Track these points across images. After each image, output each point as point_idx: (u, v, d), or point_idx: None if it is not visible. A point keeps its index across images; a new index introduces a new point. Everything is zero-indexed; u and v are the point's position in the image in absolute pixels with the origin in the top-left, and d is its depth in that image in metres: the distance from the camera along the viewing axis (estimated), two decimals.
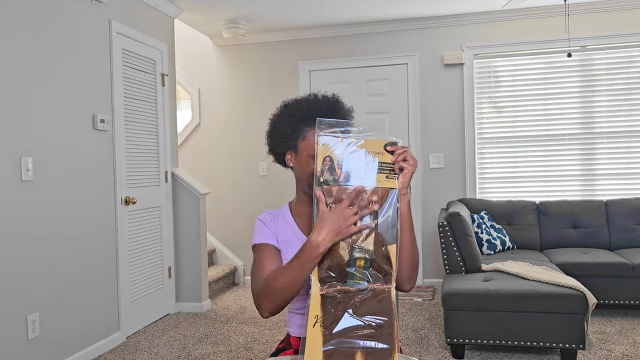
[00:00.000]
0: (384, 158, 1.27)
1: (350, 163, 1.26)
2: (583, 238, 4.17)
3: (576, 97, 4.61)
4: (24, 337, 2.75)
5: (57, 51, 3.03)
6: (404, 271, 1.36)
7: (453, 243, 3.43)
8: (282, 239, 1.49)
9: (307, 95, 1.52)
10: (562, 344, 2.84)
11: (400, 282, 1.37)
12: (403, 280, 1.37)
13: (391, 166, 1.27)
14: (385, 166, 1.27)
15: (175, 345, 3.43)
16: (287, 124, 1.47)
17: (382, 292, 1.24)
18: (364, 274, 1.25)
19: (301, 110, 1.47)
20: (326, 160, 1.27)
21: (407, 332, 3.53)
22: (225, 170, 5.31)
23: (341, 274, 1.25)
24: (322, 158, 1.26)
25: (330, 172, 1.26)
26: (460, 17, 4.73)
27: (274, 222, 1.51)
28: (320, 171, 1.26)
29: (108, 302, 3.44)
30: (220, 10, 4.43)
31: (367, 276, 1.25)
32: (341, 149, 1.26)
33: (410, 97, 4.88)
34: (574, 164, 4.63)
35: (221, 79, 5.32)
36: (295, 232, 1.49)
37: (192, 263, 4.24)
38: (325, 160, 1.27)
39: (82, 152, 3.22)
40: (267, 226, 1.50)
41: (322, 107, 1.48)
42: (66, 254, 3.07)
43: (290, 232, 1.49)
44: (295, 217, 1.52)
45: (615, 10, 4.48)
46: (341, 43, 5.04)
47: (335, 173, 1.26)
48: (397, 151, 1.28)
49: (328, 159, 1.27)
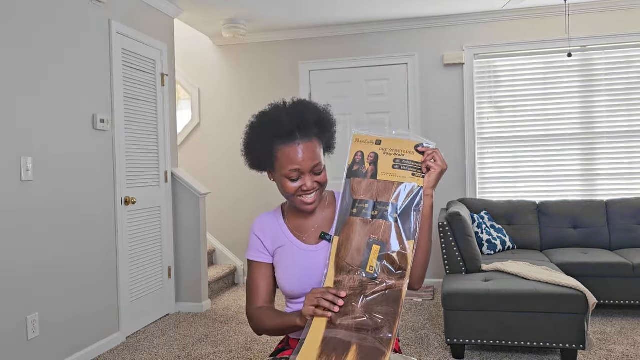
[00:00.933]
0: (413, 157, 1.32)
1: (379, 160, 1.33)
2: (583, 238, 4.17)
3: (576, 97, 4.61)
4: (24, 337, 2.75)
5: (57, 51, 3.03)
6: (416, 271, 1.37)
7: (453, 243, 3.43)
8: (276, 246, 1.50)
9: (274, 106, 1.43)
10: (562, 344, 2.84)
11: (411, 281, 1.38)
12: (415, 280, 1.38)
13: (419, 165, 1.31)
14: (413, 164, 1.31)
15: (175, 345, 3.43)
16: (257, 145, 1.40)
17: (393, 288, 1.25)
18: (377, 264, 1.27)
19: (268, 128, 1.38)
20: (357, 155, 1.36)
21: (407, 332, 3.53)
22: (225, 170, 5.31)
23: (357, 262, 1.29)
24: (354, 152, 1.36)
25: (359, 166, 1.35)
26: (460, 17, 4.73)
27: (267, 230, 1.52)
28: (351, 164, 1.36)
29: (108, 302, 3.43)
30: (220, 10, 4.43)
31: (380, 266, 1.27)
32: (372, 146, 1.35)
33: (410, 97, 4.88)
34: (574, 164, 4.63)
35: (221, 79, 5.32)
36: (288, 236, 1.49)
37: (192, 263, 4.24)
38: (356, 155, 1.36)
39: (82, 152, 3.22)
40: (259, 239, 1.52)
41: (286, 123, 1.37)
42: (66, 254, 3.07)
43: (283, 236, 1.50)
44: (287, 220, 1.52)
45: (615, 10, 4.47)
46: (341, 43, 5.04)
47: (363, 167, 1.34)
48: (428, 151, 1.31)
49: (359, 154, 1.36)
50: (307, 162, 1.35)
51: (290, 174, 1.36)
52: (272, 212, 1.56)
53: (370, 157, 1.35)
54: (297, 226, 1.50)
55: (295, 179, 1.37)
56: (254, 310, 1.50)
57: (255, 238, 1.53)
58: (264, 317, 1.45)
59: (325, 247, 1.45)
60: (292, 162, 1.35)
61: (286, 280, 1.45)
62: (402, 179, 1.31)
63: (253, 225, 1.55)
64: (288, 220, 1.52)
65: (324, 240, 1.45)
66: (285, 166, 1.36)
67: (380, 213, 1.29)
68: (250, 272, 1.53)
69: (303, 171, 1.36)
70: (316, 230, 1.48)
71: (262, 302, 1.50)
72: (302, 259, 1.45)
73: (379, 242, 1.28)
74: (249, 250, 1.54)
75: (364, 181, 1.33)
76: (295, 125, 1.36)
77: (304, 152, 1.35)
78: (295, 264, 1.45)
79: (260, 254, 1.51)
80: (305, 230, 1.49)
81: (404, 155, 1.32)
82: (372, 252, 1.28)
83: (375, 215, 1.30)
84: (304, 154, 1.35)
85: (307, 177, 1.37)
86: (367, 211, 1.31)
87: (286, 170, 1.36)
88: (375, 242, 1.29)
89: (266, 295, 1.51)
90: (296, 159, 1.35)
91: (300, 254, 1.45)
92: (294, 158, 1.35)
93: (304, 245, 1.47)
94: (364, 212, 1.31)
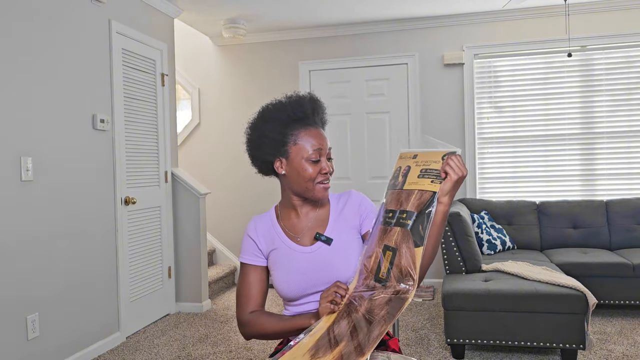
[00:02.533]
0: (437, 165, 1.31)
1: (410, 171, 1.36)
2: (583, 238, 4.17)
3: (576, 97, 4.61)
4: (24, 337, 2.75)
5: (57, 51, 3.03)
6: None
7: (453, 243, 3.43)
8: (270, 248, 1.49)
9: (288, 96, 1.47)
10: (562, 344, 2.84)
11: None
12: None
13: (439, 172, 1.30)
14: (435, 172, 1.31)
15: (175, 345, 3.43)
16: (273, 130, 1.42)
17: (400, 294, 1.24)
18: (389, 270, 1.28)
19: (285, 113, 1.42)
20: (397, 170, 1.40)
21: (407, 332, 3.53)
22: (225, 170, 5.31)
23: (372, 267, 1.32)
24: (395, 168, 1.41)
25: (394, 180, 1.39)
26: (460, 17, 4.73)
27: (261, 232, 1.51)
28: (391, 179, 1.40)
29: (108, 302, 3.43)
30: (220, 10, 4.43)
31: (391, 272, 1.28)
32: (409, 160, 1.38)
33: (410, 97, 4.87)
34: (574, 164, 4.63)
35: (221, 79, 5.32)
36: (282, 239, 1.48)
37: (192, 263, 4.24)
38: (396, 170, 1.40)
39: (82, 152, 3.22)
40: (253, 240, 1.51)
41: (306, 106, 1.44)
42: (66, 254, 3.07)
43: (277, 238, 1.48)
44: (281, 222, 1.51)
45: (615, 10, 4.47)
46: (341, 43, 5.04)
47: (397, 180, 1.38)
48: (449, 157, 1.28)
49: (398, 169, 1.39)
50: (326, 144, 1.43)
51: (313, 154, 1.40)
52: (266, 213, 1.55)
53: (405, 170, 1.37)
54: (291, 227, 1.49)
55: (317, 160, 1.41)
56: (248, 316, 1.46)
57: (249, 240, 1.51)
58: (263, 321, 1.43)
59: (322, 248, 1.44)
60: (315, 142, 1.41)
61: (284, 284, 1.43)
62: (422, 186, 1.31)
63: (247, 228, 1.53)
64: (282, 221, 1.51)
65: (319, 241, 1.45)
66: (307, 148, 1.40)
67: (397, 220, 1.31)
68: (243, 275, 1.50)
69: (323, 153, 1.42)
70: (310, 231, 1.47)
71: (255, 306, 1.48)
72: (299, 261, 1.44)
73: (392, 249, 1.29)
74: (243, 253, 1.51)
75: (395, 192, 1.36)
76: (312, 109, 1.44)
77: (323, 136, 1.44)
78: (292, 267, 1.43)
79: (255, 257, 1.49)
80: (299, 231, 1.48)
81: (430, 165, 1.32)
82: (385, 257, 1.30)
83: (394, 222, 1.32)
84: (324, 138, 1.43)
85: (324, 161, 1.43)
86: (391, 220, 1.33)
87: (309, 152, 1.40)
88: (389, 249, 1.30)
89: (260, 299, 1.49)
90: (319, 138, 1.42)
91: (296, 256, 1.44)
92: (317, 137, 1.41)
93: (298, 247, 1.46)
94: (388, 221, 1.34)
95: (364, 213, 1.50)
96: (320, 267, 1.42)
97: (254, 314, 1.46)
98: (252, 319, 1.45)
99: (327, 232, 1.46)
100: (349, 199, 1.53)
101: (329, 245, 1.44)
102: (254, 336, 1.46)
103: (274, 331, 1.41)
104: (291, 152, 1.41)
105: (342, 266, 1.42)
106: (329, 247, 1.44)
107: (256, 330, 1.44)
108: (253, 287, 1.48)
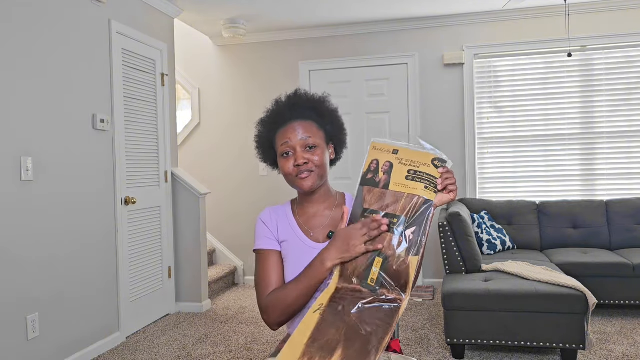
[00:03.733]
0: (428, 170, 1.24)
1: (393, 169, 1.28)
2: (583, 238, 4.17)
3: (576, 97, 4.61)
4: (24, 337, 2.75)
5: (57, 51, 3.03)
6: None
7: (453, 243, 3.43)
8: (282, 239, 1.49)
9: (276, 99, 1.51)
10: (562, 344, 2.84)
11: None
12: None
13: (433, 179, 1.24)
14: (427, 177, 1.24)
15: (175, 345, 3.43)
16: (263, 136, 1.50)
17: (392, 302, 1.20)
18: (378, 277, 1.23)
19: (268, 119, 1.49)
20: (373, 162, 1.31)
21: (407, 332, 3.53)
22: (226, 170, 5.31)
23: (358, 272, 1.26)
24: (370, 160, 1.31)
25: (373, 175, 1.30)
26: (460, 17, 4.73)
27: (275, 220, 1.50)
28: (365, 172, 1.31)
29: (108, 302, 3.43)
30: (220, 10, 4.43)
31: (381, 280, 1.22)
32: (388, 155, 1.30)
33: (410, 97, 4.87)
34: (574, 164, 4.63)
35: (221, 79, 5.32)
36: (296, 232, 1.48)
37: (192, 263, 4.24)
38: (372, 163, 1.31)
39: (82, 152, 3.22)
40: (267, 226, 1.50)
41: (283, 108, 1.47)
42: (66, 253, 3.07)
43: (291, 231, 1.48)
44: (297, 216, 1.51)
45: (615, 10, 4.47)
46: (341, 43, 5.04)
47: (377, 176, 1.30)
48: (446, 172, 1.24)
49: (375, 162, 1.31)
50: (296, 134, 1.41)
51: (282, 148, 1.42)
52: (281, 205, 1.56)
53: (385, 166, 1.29)
54: (306, 222, 1.49)
55: (287, 153, 1.42)
56: (266, 299, 1.40)
57: (263, 226, 1.49)
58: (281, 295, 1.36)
59: None
60: (283, 137, 1.43)
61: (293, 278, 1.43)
62: (413, 190, 1.24)
63: (261, 215, 1.52)
64: (297, 215, 1.51)
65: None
66: (278, 145, 1.44)
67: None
68: (260, 262, 1.46)
69: (293, 145, 1.41)
70: (324, 229, 1.47)
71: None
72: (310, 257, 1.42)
73: (382, 255, 1.23)
74: (257, 239, 1.48)
75: (375, 190, 1.28)
76: (288, 108, 1.45)
77: (296, 128, 1.42)
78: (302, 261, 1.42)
79: (270, 241, 1.47)
80: (314, 228, 1.48)
81: (419, 167, 1.25)
82: (374, 263, 1.24)
83: None
84: (296, 130, 1.42)
85: (299, 152, 1.41)
86: None
87: (279, 148, 1.43)
88: (379, 255, 1.24)
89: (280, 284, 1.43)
90: (288, 133, 1.42)
91: (307, 251, 1.44)
92: (286, 132, 1.43)
93: (311, 242, 1.45)
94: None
95: None
96: None
97: (271, 295, 1.40)
98: (270, 299, 1.39)
99: None
100: None
101: None
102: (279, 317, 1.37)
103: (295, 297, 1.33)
104: (277, 151, 1.47)
105: None
106: None
107: (280, 309, 1.36)
108: (272, 271, 1.43)
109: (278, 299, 1.36)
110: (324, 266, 1.29)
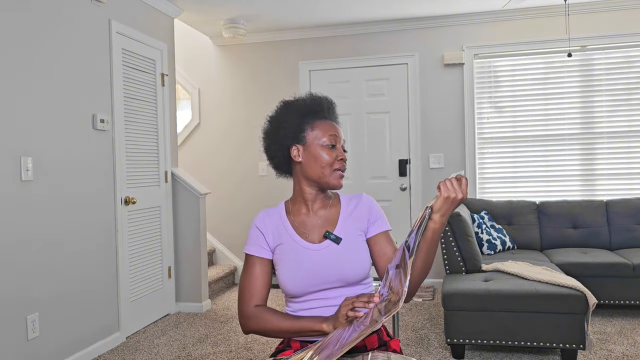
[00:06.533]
0: None
1: None
2: (583, 238, 4.17)
3: (576, 97, 4.61)
4: (24, 337, 2.75)
5: (57, 51, 3.03)
6: None
7: (453, 243, 3.43)
8: (277, 242, 1.49)
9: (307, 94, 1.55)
10: (562, 344, 2.84)
11: None
12: None
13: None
14: None
15: (175, 345, 3.43)
16: (292, 118, 1.49)
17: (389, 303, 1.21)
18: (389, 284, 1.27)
19: (304, 104, 1.51)
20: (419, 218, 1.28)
21: (407, 332, 3.53)
22: (225, 170, 5.31)
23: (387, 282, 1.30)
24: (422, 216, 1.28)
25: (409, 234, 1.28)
26: (460, 17, 4.73)
27: (269, 225, 1.51)
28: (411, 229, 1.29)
29: (108, 302, 3.43)
30: (220, 10, 4.43)
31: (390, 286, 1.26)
32: None
33: (410, 97, 4.87)
34: (574, 164, 4.63)
35: (221, 79, 5.32)
36: (290, 234, 1.48)
37: (192, 263, 4.24)
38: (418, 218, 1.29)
39: (82, 152, 3.22)
40: (261, 233, 1.50)
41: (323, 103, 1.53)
42: (66, 253, 3.07)
43: (285, 233, 1.48)
44: (291, 217, 1.51)
45: (615, 10, 4.47)
46: (341, 43, 5.04)
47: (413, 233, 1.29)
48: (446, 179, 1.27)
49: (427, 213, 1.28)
50: (341, 134, 1.51)
51: (330, 138, 1.46)
52: (275, 208, 1.56)
53: None
54: (300, 223, 1.49)
55: (333, 146, 1.46)
56: (252, 309, 1.45)
57: (256, 231, 1.50)
58: (268, 317, 1.41)
59: (330, 246, 1.44)
60: (329, 129, 1.48)
61: (290, 280, 1.43)
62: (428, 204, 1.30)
63: (255, 219, 1.53)
64: (291, 217, 1.51)
65: (328, 240, 1.45)
66: (323, 133, 1.47)
67: None
68: (248, 267, 1.49)
69: (338, 140, 1.48)
70: (319, 229, 1.47)
71: (260, 300, 1.47)
72: (306, 258, 1.44)
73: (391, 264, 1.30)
74: (249, 244, 1.50)
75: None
76: (327, 107, 1.52)
77: (338, 129, 1.51)
78: (298, 263, 1.43)
79: (261, 248, 1.48)
80: (308, 228, 1.48)
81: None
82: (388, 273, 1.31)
83: None
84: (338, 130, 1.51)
85: (340, 148, 1.49)
86: None
87: (326, 135, 1.46)
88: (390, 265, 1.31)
89: (264, 293, 1.48)
90: (332, 128, 1.48)
91: (303, 253, 1.44)
92: (332, 126, 1.49)
93: (307, 243, 1.46)
94: None
95: (372, 218, 1.51)
96: (327, 265, 1.43)
97: (259, 308, 1.44)
98: (256, 313, 1.44)
99: (336, 232, 1.47)
100: (360, 202, 1.54)
101: (337, 244, 1.45)
102: (254, 331, 1.44)
103: (279, 329, 1.39)
104: (308, 138, 1.47)
105: (349, 266, 1.43)
106: (337, 246, 1.45)
107: (260, 326, 1.42)
108: (258, 279, 1.47)
109: (262, 319, 1.42)
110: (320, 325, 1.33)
